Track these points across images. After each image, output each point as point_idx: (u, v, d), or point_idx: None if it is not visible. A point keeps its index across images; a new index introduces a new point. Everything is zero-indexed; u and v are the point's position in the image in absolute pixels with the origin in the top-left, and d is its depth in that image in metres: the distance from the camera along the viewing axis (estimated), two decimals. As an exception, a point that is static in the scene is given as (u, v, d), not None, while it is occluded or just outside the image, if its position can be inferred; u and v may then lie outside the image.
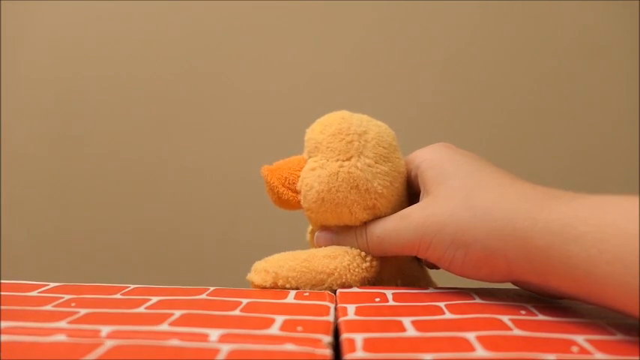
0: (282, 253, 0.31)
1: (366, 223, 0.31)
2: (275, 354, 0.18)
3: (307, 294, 0.26)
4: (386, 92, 0.71)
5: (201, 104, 0.71)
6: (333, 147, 0.30)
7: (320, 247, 0.32)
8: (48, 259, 0.72)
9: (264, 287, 0.29)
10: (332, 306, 0.24)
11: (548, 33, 0.70)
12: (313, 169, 0.30)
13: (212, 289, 0.27)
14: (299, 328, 0.20)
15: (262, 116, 0.71)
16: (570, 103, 0.70)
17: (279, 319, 0.21)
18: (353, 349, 0.18)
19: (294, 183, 0.31)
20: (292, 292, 0.27)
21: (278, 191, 0.31)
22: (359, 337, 0.20)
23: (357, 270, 0.29)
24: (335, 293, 0.27)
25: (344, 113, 0.32)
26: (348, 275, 0.29)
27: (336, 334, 0.21)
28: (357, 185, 0.29)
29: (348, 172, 0.29)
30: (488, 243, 0.24)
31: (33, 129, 0.72)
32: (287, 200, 0.31)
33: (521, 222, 0.23)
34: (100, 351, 0.17)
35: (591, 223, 0.20)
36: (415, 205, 0.29)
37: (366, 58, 0.71)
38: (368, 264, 0.30)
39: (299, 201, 0.31)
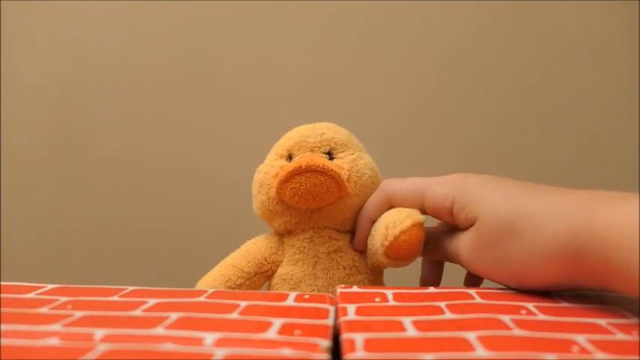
0: None
1: None
2: (271, 358, 0.17)
3: (307, 296, 0.26)
4: (385, 92, 0.70)
5: (203, 106, 0.71)
6: (355, 143, 0.35)
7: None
8: (48, 260, 0.72)
9: None
10: (332, 309, 0.24)
11: (549, 33, 0.70)
12: (354, 160, 0.34)
13: (211, 291, 0.26)
14: (297, 332, 0.20)
15: (264, 117, 0.70)
16: (570, 103, 0.70)
17: (277, 323, 0.21)
18: (353, 349, 0.18)
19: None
20: (292, 295, 0.26)
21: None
22: (359, 337, 0.19)
23: None
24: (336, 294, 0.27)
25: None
26: None
27: (336, 334, 0.21)
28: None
29: (372, 162, 0.35)
30: (532, 257, 0.25)
31: (33, 129, 0.72)
32: (346, 191, 0.32)
33: (567, 239, 0.24)
34: (91, 355, 0.17)
35: (625, 232, 0.21)
36: (465, 233, 0.30)
37: (365, 58, 0.71)
38: None
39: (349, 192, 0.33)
